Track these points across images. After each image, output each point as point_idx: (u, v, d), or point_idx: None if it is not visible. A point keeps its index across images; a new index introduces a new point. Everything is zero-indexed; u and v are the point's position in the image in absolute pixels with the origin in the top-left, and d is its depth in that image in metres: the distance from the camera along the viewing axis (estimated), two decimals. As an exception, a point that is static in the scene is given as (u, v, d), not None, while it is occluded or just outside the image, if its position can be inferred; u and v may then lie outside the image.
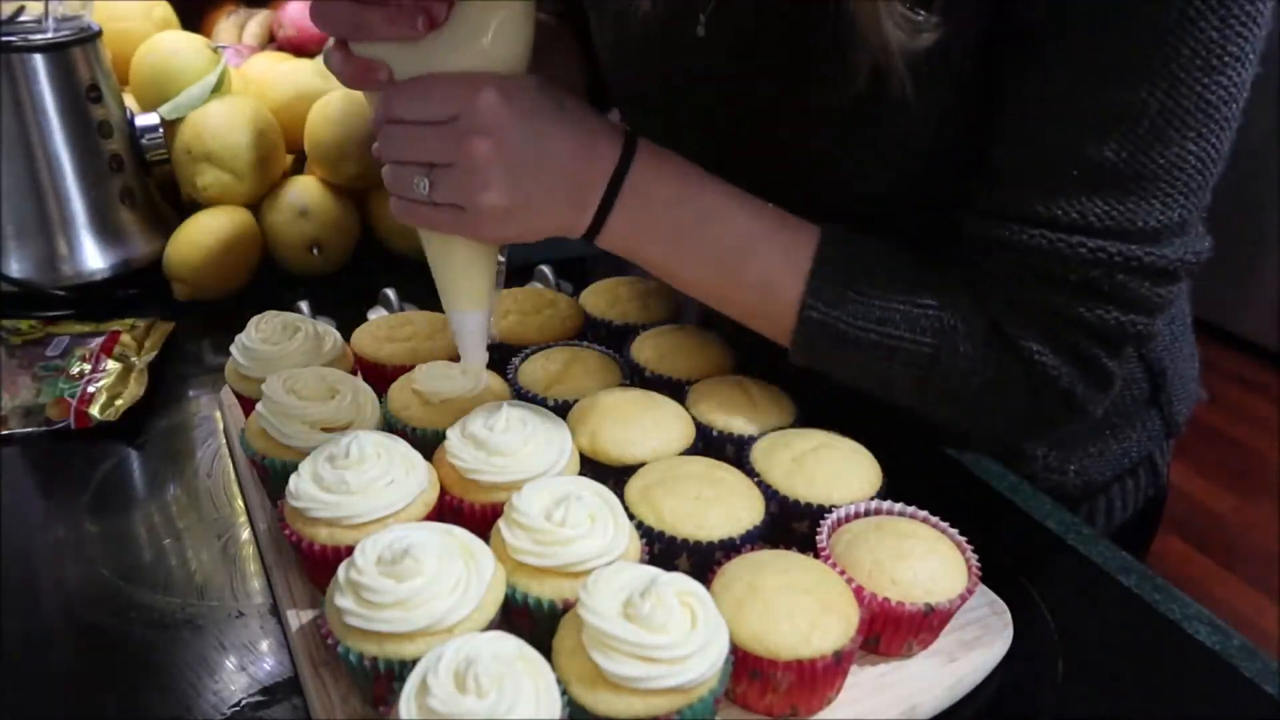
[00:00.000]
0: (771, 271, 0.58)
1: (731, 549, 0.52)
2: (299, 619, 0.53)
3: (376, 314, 0.86)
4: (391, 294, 0.86)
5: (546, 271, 0.92)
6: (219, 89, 0.96)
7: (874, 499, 0.57)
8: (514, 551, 0.48)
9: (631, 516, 0.53)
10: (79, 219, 0.89)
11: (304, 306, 0.83)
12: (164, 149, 0.94)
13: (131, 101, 0.98)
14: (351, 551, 0.47)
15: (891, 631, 0.51)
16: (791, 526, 0.57)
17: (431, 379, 0.62)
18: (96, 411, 0.72)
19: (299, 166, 1.02)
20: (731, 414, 0.63)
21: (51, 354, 0.78)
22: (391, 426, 0.61)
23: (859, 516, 0.56)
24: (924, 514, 0.56)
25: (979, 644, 0.53)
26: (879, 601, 0.49)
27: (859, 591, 0.50)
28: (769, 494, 0.57)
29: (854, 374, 0.60)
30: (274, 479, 0.57)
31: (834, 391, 0.67)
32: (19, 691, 0.50)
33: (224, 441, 0.71)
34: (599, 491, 0.52)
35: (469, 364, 0.61)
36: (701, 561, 0.52)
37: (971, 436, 0.73)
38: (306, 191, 0.95)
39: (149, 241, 0.93)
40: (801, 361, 0.60)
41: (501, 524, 0.50)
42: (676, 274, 0.60)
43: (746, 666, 0.46)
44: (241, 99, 0.96)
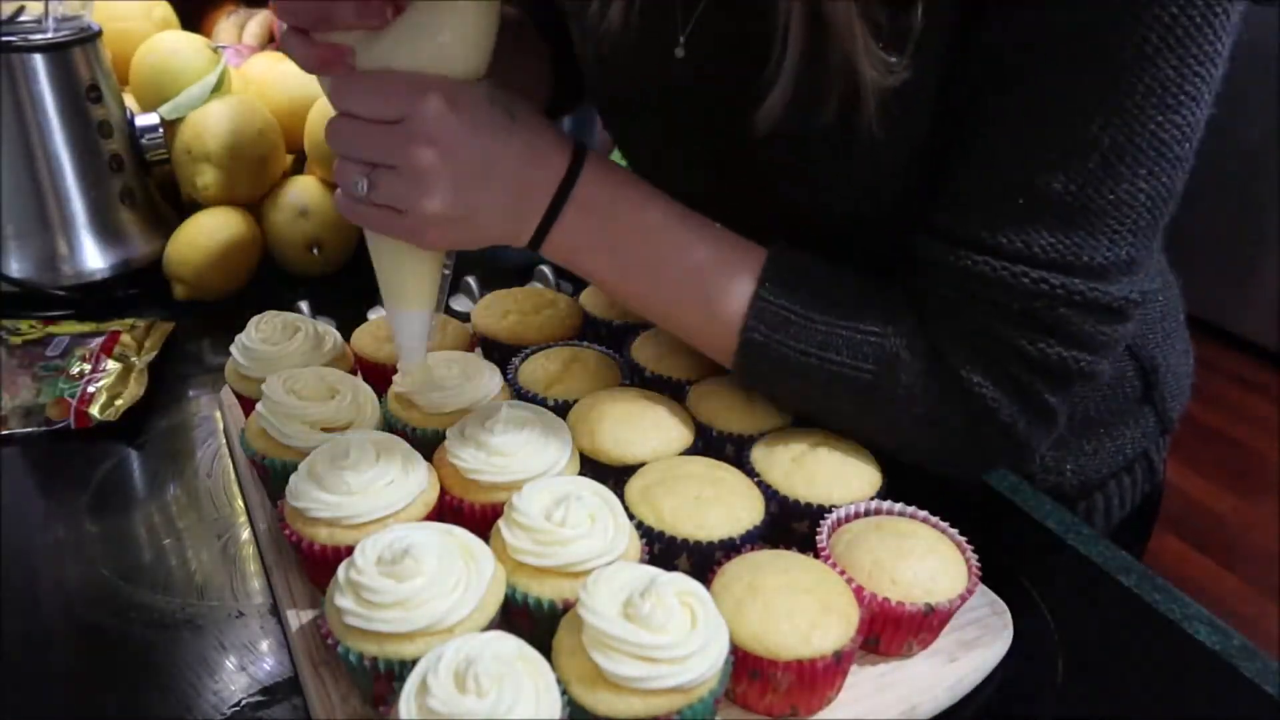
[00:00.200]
0: (714, 291, 0.57)
1: (731, 549, 0.52)
2: (299, 619, 0.53)
3: (376, 314, 0.86)
4: (391, 294, 0.86)
5: (546, 271, 0.92)
6: (219, 89, 0.96)
7: (874, 499, 0.57)
8: (514, 551, 0.48)
9: (631, 516, 0.53)
10: (79, 219, 0.89)
11: (304, 306, 0.83)
12: (164, 149, 0.94)
13: (131, 101, 0.98)
14: (351, 551, 0.47)
15: (891, 631, 0.51)
16: (791, 526, 0.57)
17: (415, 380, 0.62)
18: (96, 411, 0.72)
19: (299, 166, 1.02)
20: (731, 414, 0.63)
21: (51, 354, 0.78)
22: (391, 426, 0.61)
23: (859, 516, 0.56)
24: (924, 514, 0.56)
25: (979, 644, 0.53)
26: (879, 601, 0.49)
27: (859, 591, 0.50)
28: (769, 494, 0.57)
29: (794, 398, 0.61)
30: (274, 479, 0.58)
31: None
32: (19, 691, 0.50)
33: (224, 441, 0.71)
34: (599, 491, 0.52)
35: (407, 366, 0.60)
36: (701, 561, 0.52)
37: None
38: (306, 191, 0.95)
39: (149, 241, 0.93)
40: (743, 383, 0.60)
41: (501, 524, 0.50)
42: (618, 288, 0.60)
43: (746, 666, 0.46)
44: (241, 99, 0.96)
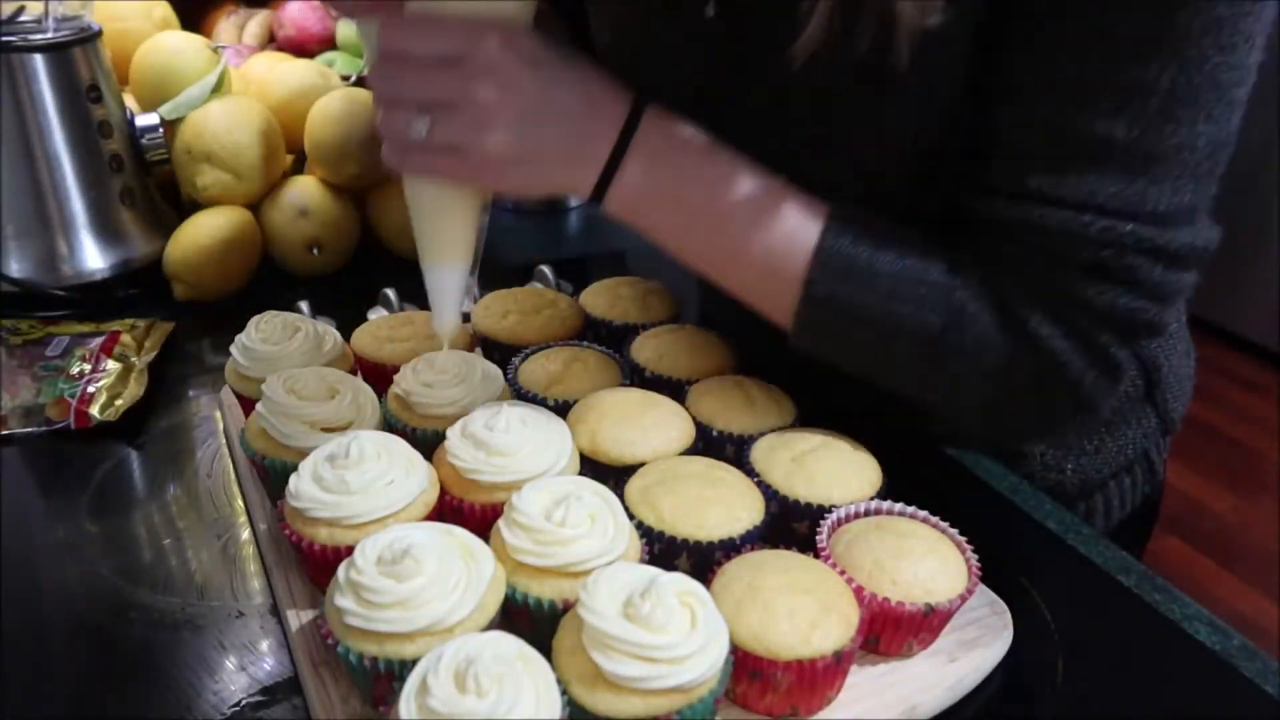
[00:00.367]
0: (778, 243, 0.56)
1: (731, 549, 0.52)
2: (299, 619, 0.53)
3: (376, 314, 0.86)
4: (391, 294, 0.86)
5: (546, 271, 0.92)
6: (219, 89, 0.96)
7: (874, 499, 0.57)
8: (514, 551, 0.48)
9: (631, 516, 0.53)
10: (79, 219, 0.89)
11: (304, 306, 0.83)
12: (164, 149, 0.94)
13: (131, 101, 0.98)
14: (351, 551, 0.47)
15: (891, 631, 0.51)
16: (791, 526, 0.57)
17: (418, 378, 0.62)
18: (96, 411, 0.72)
19: (299, 166, 1.02)
20: (731, 414, 0.63)
21: (51, 354, 0.78)
22: (391, 426, 0.61)
23: (859, 516, 0.56)
24: (924, 514, 0.56)
25: (979, 644, 0.53)
26: (879, 601, 0.49)
27: (859, 591, 0.50)
28: (769, 494, 0.57)
29: (855, 356, 0.59)
30: (274, 479, 0.58)
31: (834, 391, 0.67)
32: (19, 691, 0.50)
33: (224, 441, 0.71)
34: (599, 491, 0.52)
35: (441, 325, 0.58)
36: (701, 561, 0.52)
37: (972, 434, 0.72)
38: (306, 191, 0.95)
39: (149, 241, 0.93)
40: (801, 344, 0.58)
41: (501, 524, 0.50)
42: (680, 242, 0.58)
43: (746, 666, 0.46)
44: (241, 99, 0.96)
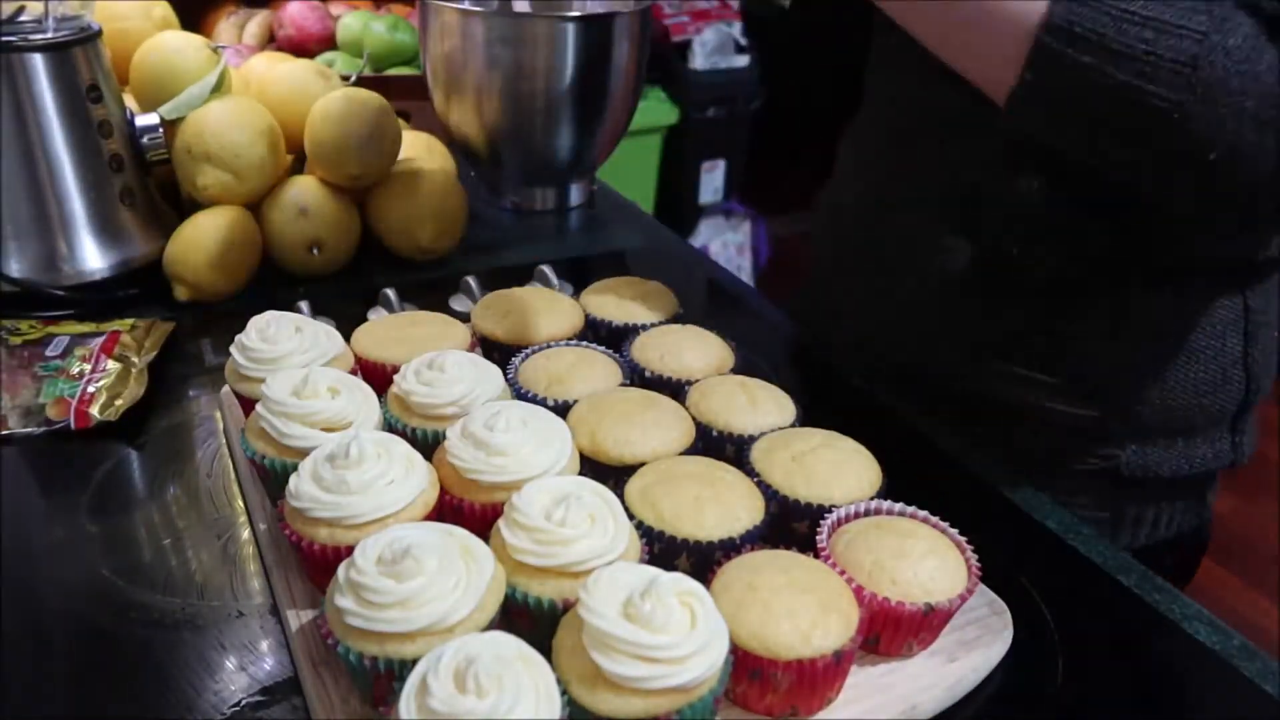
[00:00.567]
0: None
1: (731, 549, 0.52)
2: (299, 619, 0.53)
3: (376, 314, 0.86)
4: (391, 294, 0.86)
5: (547, 271, 0.92)
6: (219, 89, 0.96)
7: (874, 499, 0.57)
8: (514, 551, 0.48)
9: (631, 516, 0.53)
10: (79, 219, 0.89)
11: (304, 306, 0.83)
12: (164, 149, 0.94)
13: (131, 101, 0.98)
14: (351, 551, 0.47)
15: (891, 631, 0.51)
16: (791, 526, 0.57)
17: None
18: (96, 411, 0.72)
19: (299, 166, 1.02)
20: (731, 414, 0.63)
21: (51, 354, 0.78)
22: (391, 426, 0.61)
23: (859, 516, 0.56)
24: (924, 514, 0.56)
25: (979, 644, 0.53)
26: (879, 601, 0.49)
27: (859, 591, 0.50)
28: (769, 494, 0.57)
29: (1093, 94, 0.52)
30: (274, 479, 0.57)
31: (834, 391, 0.67)
32: (19, 691, 0.50)
33: (224, 441, 0.71)
34: (599, 491, 0.52)
35: None
36: (701, 561, 0.52)
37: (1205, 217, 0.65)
38: (306, 191, 0.95)
39: (149, 241, 0.93)
40: (1025, 100, 0.53)
41: (501, 524, 0.50)
42: None
43: (746, 666, 0.46)
44: (241, 99, 0.96)
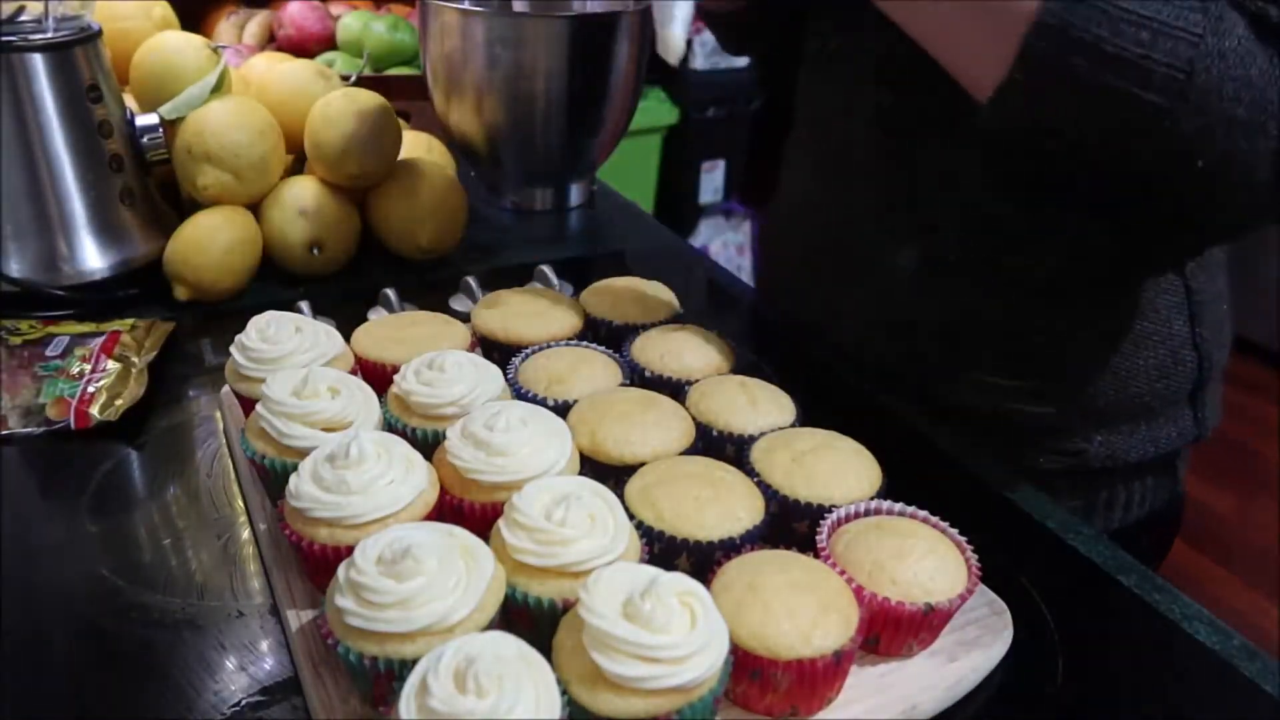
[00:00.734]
0: None
1: (731, 549, 0.52)
2: (299, 619, 0.53)
3: (376, 314, 0.86)
4: (391, 294, 0.86)
5: (546, 271, 0.92)
6: (219, 89, 0.96)
7: (874, 499, 0.57)
8: (514, 551, 0.48)
9: (631, 516, 0.53)
10: (79, 219, 0.89)
11: (304, 306, 0.83)
12: (164, 149, 0.94)
13: (131, 101, 0.98)
14: (351, 551, 0.47)
15: (891, 631, 0.51)
16: (791, 526, 0.57)
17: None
18: (96, 411, 0.72)
19: (299, 166, 1.02)
20: (731, 414, 0.63)
21: (51, 354, 0.78)
22: (391, 426, 0.61)
23: (859, 516, 0.56)
24: (924, 514, 0.56)
25: (979, 644, 0.53)
26: (879, 601, 0.49)
27: (859, 591, 0.50)
28: (769, 494, 0.57)
29: (1082, 97, 0.52)
30: (274, 479, 0.57)
31: (834, 391, 0.67)
32: (19, 691, 0.50)
33: (224, 441, 0.71)
34: (599, 491, 0.52)
35: (667, 38, 0.58)
36: (701, 561, 0.52)
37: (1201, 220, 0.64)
38: (306, 191, 0.95)
39: (149, 241, 0.93)
40: (1011, 98, 0.52)
41: (501, 524, 0.50)
42: None
43: (746, 666, 0.46)
44: (241, 99, 0.96)
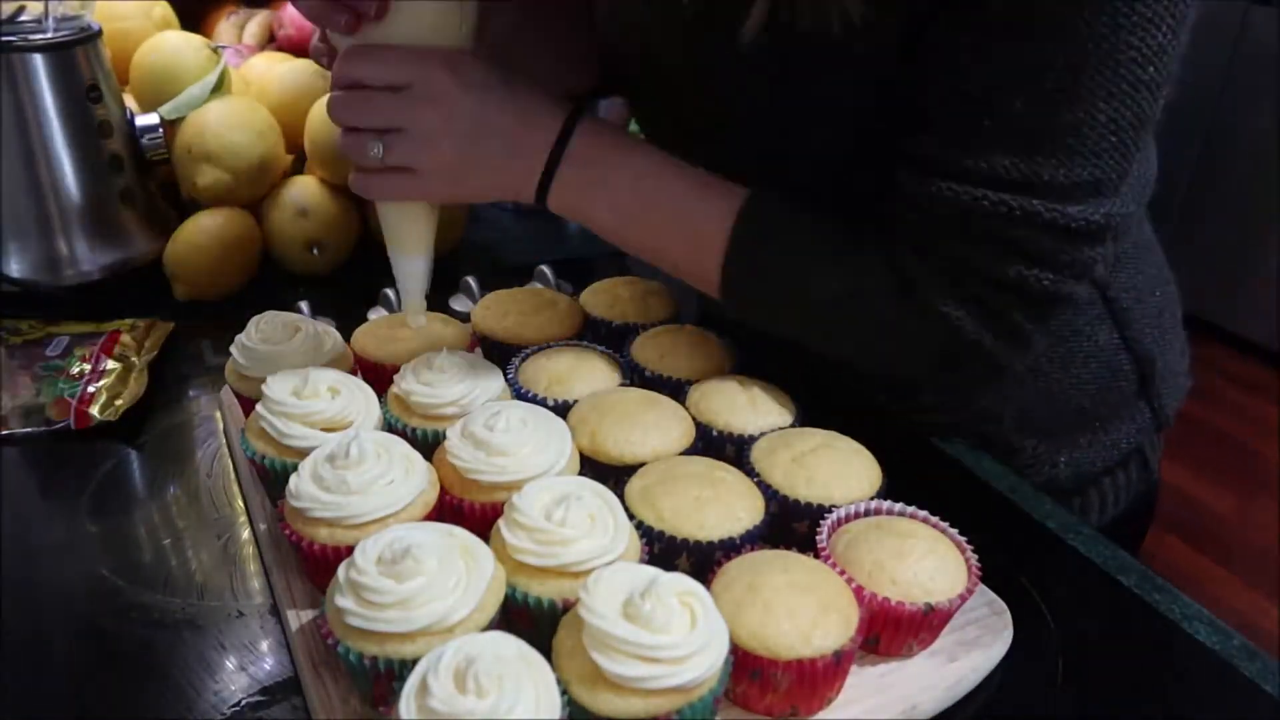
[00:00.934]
0: (700, 229, 0.62)
1: (731, 549, 0.52)
2: (299, 619, 0.53)
3: (376, 314, 0.86)
4: (391, 294, 0.86)
5: (546, 271, 0.92)
6: (219, 89, 0.96)
7: (874, 499, 0.57)
8: (514, 551, 0.48)
9: (631, 516, 0.53)
10: (79, 219, 0.89)
11: (304, 306, 0.83)
12: (164, 149, 0.94)
13: (131, 101, 0.98)
14: (351, 551, 0.47)
15: (891, 631, 0.51)
16: (791, 526, 0.57)
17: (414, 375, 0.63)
18: (96, 411, 0.72)
19: (299, 166, 1.02)
20: (731, 414, 0.63)
21: (51, 354, 0.78)
22: (391, 426, 0.61)
23: (859, 516, 0.56)
24: (924, 514, 0.56)
25: (979, 644, 0.53)
26: (879, 601, 0.49)
27: (859, 591, 0.50)
28: (769, 494, 0.57)
29: (775, 325, 0.64)
30: (274, 479, 0.57)
31: (834, 391, 0.67)
32: (19, 691, 0.50)
33: (224, 441, 0.71)
34: (599, 491, 0.52)
35: (408, 305, 0.66)
36: (701, 561, 0.52)
37: (962, 425, 0.74)
38: (306, 191, 0.95)
39: (149, 241, 0.93)
40: (731, 313, 0.65)
41: (501, 524, 0.50)
42: (616, 234, 0.65)
43: (746, 666, 0.46)
44: (241, 99, 0.96)
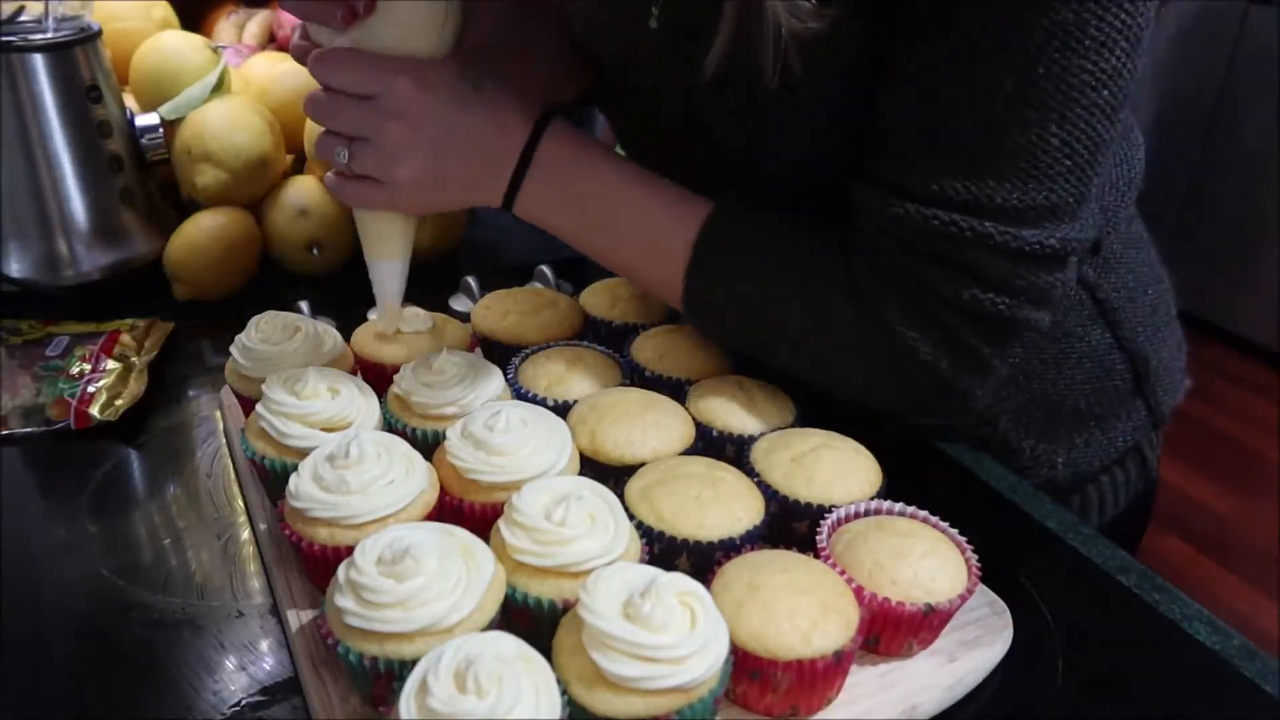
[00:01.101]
0: (663, 240, 0.62)
1: (731, 549, 0.52)
2: (299, 619, 0.53)
3: (376, 314, 0.86)
4: (391, 294, 0.86)
5: (546, 271, 0.92)
6: (219, 89, 0.96)
7: (874, 499, 0.57)
8: (514, 551, 0.48)
9: (631, 516, 0.53)
10: (79, 219, 0.89)
11: (304, 306, 0.83)
12: (164, 149, 0.94)
13: (131, 101, 0.98)
14: (351, 551, 0.47)
15: (891, 631, 0.51)
16: (791, 526, 0.57)
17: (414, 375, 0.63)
18: (96, 411, 0.72)
19: (299, 166, 1.02)
20: (731, 414, 0.63)
21: (51, 354, 0.78)
22: (391, 426, 0.61)
23: (859, 516, 0.56)
24: (924, 514, 0.56)
25: (979, 644, 0.53)
26: (879, 601, 0.49)
27: (859, 591, 0.50)
28: (769, 494, 0.57)
29: (735, 339, 0.65)
30: (274, 479, 0.58)
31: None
32: (19, 691, 0.50)
33: (224, 441, 0.71)
34: (599, 491, 0.52)
35: (381, 308, 0.67)
36: (701, 561, 0.52)
37: (961, 430, 0.74)
38: (306, 191, 0.95)
39: (149, 241, 0.93)
40: (693, 324, 0.65)
41: (501, 524, 0.50)
42: (582, 243, 0.65)
43: (746, 666, 0.46)
44: (241, 99, 0.96)
